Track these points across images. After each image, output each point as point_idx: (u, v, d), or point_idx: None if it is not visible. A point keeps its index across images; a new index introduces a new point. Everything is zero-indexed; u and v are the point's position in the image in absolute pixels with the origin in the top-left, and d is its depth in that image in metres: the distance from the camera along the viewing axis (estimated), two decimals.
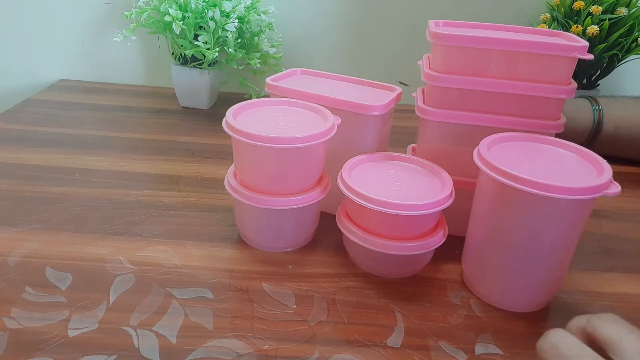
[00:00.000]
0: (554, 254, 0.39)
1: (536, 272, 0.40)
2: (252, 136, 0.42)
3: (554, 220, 0.38)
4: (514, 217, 0.39)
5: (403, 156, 0.50)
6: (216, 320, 0.39)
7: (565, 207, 0.37)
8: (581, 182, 0.36)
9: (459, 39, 0.44)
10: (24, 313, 0.38)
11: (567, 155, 0.42)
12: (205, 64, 0.79)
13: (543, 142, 0.44)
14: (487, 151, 0.41)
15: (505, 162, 0.39)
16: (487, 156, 0.39)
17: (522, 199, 0.37)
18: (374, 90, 0.54)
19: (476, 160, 0.40)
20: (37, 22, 0.91)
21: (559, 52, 0.43)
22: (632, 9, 0.76)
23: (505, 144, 0.43)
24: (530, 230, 0.38)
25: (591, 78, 0.84)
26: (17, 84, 0.96)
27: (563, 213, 0.37)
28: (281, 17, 0.88)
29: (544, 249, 0.39)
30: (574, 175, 0.38)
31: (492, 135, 0.43)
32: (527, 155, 0.41)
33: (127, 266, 0.45)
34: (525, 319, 0.41)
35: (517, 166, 0.39)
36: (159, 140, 0.72)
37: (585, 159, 0.41)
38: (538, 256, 0.39)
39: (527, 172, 0.37)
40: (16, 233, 0.48)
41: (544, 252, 0.39)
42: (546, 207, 0.37)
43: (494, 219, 0.40)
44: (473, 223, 0.44)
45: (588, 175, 0.38)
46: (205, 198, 0.57)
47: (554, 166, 0.40)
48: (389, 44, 0.92)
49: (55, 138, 0.70)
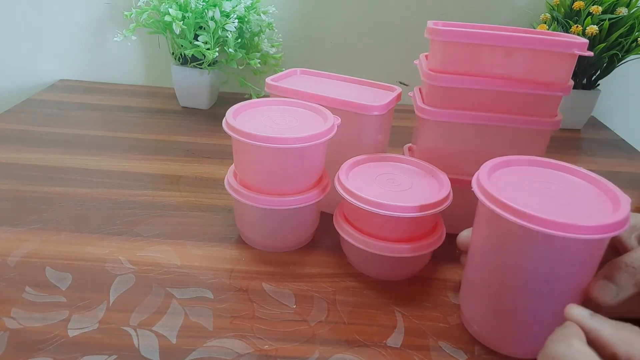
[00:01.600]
0: (563, 297, 0.34)
1: (542, 320, 0.35)
2: (252, 136, 0.42)
3: (559, 260, 0.32)
4: (511, 254, 0.34)
5: (401, 157, 0.50)
6: (216, 320, 0.39)
7: (570, 247, 0.32)
8: (589, 219, 0.31)
9: (457, 35, 0.44)
10: (24, 313, 0.38)
11: (579, 184, 0.37)
12: (205, 64, 0.79)
13: (552, 168, 0.39)
14: (488, 178, 0.36)
15: (506, 190, 0.34)
16: (486, 184, 0.34)
17: (519, 234, 0.33)
18: (374, 90, 0.54)
19: (474, 187, 0.36)
20: (37, 22, 0.91)
21: (558, 49, 0.43)
22: (632, 9, 0.76)
23: (508, 170, 0.38)
24: (533, 271, 0.34)
25: (591, 78, 0.84)
26: (17, 84, 0.96)
27: (568, 253, 0.32)
28: (281, 17, 0.88)
29: (551, 293, 0.34)
30: (585, 209, 0.33)
31: (494, 160, 0.38)
32: (532, 184, 0.36)
33: (127, 266, 0.45)
34: None
35: (519, 196, 0.34)
36: (159, 140, 0.72)
37: (600, 189, 0.36)
38: (544, 300, 0.34)
39: (527, 203, 0.32)
40: (16, 233, 0.48)
41: (552, 296, 0.34)
42: (547, 246, 0.32)
43: (492, 255, 0.36)
44: (470, 258, 0.39)
45: (602, 210, 0.33)
46: (205, 198, 0.57)
47: (562, 197, 0.35)
48: (389, 44, 0.92)
49: (55, 138, 0.70)
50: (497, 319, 0.37)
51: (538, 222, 0.30)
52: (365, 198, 0.41)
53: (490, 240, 0.36)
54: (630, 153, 0.79)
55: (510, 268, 0.34)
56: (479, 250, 0.38)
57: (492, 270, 0.36)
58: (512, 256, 0.34)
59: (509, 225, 0.32)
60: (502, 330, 0.37)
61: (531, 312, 0.35)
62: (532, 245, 0.32)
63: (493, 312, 0.37)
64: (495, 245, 0.35)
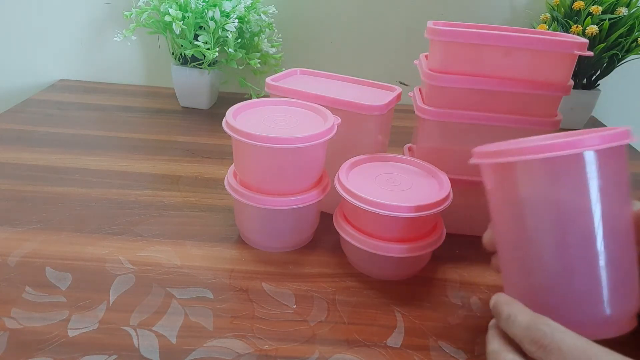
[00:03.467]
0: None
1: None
2: (252, 136, 0.42)
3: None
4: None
5: (401, 157, 0.50)
6: (216, 320, 0.39)
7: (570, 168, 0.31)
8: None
9: (457, 35, 0.44)
10: (24, 313, 0.38)
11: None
12: (205, 64, 0.79)
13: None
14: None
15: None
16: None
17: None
18: (374, 90, 0.54)
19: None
20: (37, 22, 0.91)
21: (558, 49, 0.43)
22: (632, 9, 0.76)
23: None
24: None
25: (591, 78, 0.84)
26: (17, 84, 0.96)
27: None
28: (281, 17, 0.88)
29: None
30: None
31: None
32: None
33: (127, 266, 0.45)
34: None
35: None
36: (159, 140, 0.72)
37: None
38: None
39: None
40: (16, 233, 0.48)
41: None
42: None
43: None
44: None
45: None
46: (205, 198, 0.57)
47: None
48: (389, 44, 0.92)
49: (55, 138, 0.70)
50: (547, 295, 0.33)
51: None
52: (365, 198, 0.41)
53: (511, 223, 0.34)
54: (630, 153, 0.79)
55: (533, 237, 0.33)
56: (504, 242, 0.36)
57: (521, 252, 0.34)
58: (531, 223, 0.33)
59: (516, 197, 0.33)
60: (565, 303, 0.33)
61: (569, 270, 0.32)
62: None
63: (541, 293, 0.34)
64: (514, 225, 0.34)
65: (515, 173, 0.33)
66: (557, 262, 0.32)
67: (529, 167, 0.32)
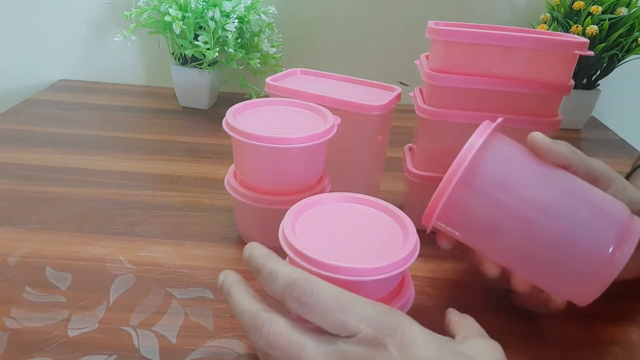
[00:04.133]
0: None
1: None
2: (252, 136, 0.41)
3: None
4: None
5: (359, 197, 0.40)
6: (216, 320, 0.39)
7: None
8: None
9: (458, 35, 0.44)
10: (24, 313, 0.38)
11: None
12: (205, 64, 0.79)
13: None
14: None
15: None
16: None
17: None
18: (374, 90, 0.54)
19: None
20: (37, 22, 0.91)
21: (558, 49, 0.43)
22: (632, 9, 0.76)
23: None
24: None
25: (591, 78, 0.84)
26: (17, 84, 0.96)
27: None
28: (281, 17, 0.88)
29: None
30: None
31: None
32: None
33: (127, 266, 0.45)
34: (522, 319, 0.41)
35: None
36: (159, 140, 0.72)
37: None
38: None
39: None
40: (16, 233, 0.48)
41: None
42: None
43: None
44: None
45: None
46: (205, 198, 0.57)
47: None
48: (389, 44, 0.92)
49: (55, 138, 0.70)
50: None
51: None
52: (313, 258, 0.32)
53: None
54: (630, 153, 0.79)
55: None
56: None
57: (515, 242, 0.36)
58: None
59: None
60: (564, 282, 0.36)
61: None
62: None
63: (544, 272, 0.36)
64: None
65: None
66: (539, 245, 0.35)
67: None
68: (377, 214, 0.39)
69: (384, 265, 0.32)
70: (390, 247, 0.35)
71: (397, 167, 0.57)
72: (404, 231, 0.36)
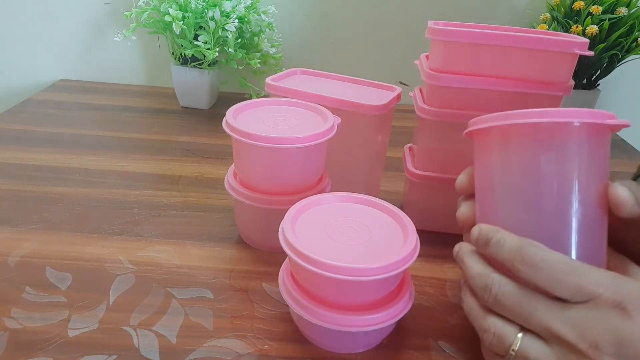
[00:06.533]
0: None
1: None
2: (252, 136, 0.41)
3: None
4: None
5: (359, 197, 0.40)
6: (216, 320, 0.39)
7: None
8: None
9: (458, 35, 0.44)
10: (24, 313, 0.38)
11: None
12: (205, 64, 0.79)
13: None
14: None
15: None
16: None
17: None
18: (374, 90, 0.54)
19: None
20: (37, 22, 0.91)
21: (558, 48, 0.43)
22: (632, 9, 0.76)
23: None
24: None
25: (591, 78, 0.84)
26: (17, 84, 0.96)
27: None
28: (281, 17, 0.88)
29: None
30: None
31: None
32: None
33: (127, 266, 0.45)
34: None
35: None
36: (159, 140, 0.72)
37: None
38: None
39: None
40: (16, 233, 0.48)
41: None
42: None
43: None
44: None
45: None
46: (205, 198, 0.57)
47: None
48: (389, 44, 0.92)
49: (55, 138, 0.70)
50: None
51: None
52: (312, 257, 0.32)
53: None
54: (630, 153, 0.79)
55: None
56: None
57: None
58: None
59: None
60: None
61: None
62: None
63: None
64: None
65: (508, 137, 0.34)
66: (534, 226, 0.33)
67: (521, 131, 0.33)
68: (377, 214, 0.39)
69: (384, 265, 0.32)
70: (390, 247, 0.35)
71: (397, 167, 0.57)
72: (404, 231, 0.36)
